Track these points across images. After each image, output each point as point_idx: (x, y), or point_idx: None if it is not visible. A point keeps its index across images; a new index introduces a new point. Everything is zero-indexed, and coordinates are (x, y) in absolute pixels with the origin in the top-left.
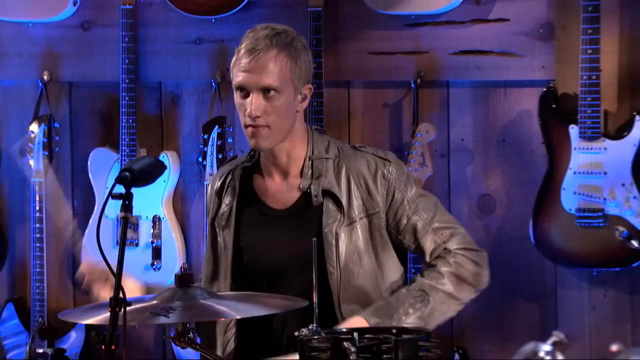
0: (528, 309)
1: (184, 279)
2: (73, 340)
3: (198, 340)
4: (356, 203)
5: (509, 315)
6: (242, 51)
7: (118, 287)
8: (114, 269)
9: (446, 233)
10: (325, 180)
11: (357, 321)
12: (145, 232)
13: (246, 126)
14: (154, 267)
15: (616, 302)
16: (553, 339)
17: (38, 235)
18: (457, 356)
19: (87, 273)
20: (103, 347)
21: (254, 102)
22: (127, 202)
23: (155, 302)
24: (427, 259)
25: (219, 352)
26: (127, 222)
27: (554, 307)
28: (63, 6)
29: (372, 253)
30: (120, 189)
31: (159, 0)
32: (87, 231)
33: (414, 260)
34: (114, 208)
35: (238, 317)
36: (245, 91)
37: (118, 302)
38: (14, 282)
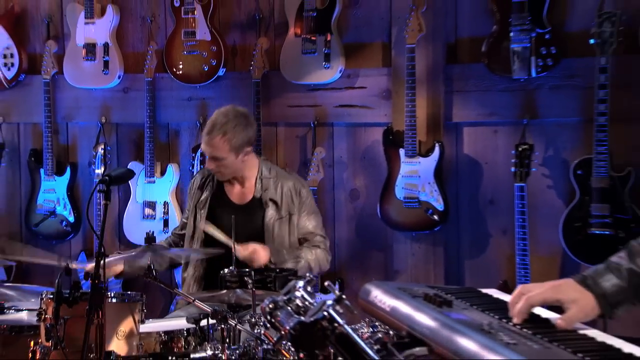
0: (377, 255)
1: (150, 239)
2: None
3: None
4: (284, 207)
5: (366, 259)
6: (205, 130)
7: (101, 244)
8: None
9: (317, 238)
10: (269, 192)
11: (264, 252)
12: (159, 211)
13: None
14: (165, 231)
15: (425, 251)
16: (307, 278)
17: (99, 213)
18: (337, 284)
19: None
20: (91, 280)
21: (209, 163)
22: (107, 196)
23: (132, 253)
24: (301, 243)
25: (186, 288)
26: (107, 208)
27: (391, 254)
28: (112, 79)
29: (288, 235)
30: (102, 186)
31: (167, 75)
32: (126, 210)
33: None
34: (142, 195)
35: (182, 262)
36: (205, 155)
37: (100, 255)
38: (85, 240)
